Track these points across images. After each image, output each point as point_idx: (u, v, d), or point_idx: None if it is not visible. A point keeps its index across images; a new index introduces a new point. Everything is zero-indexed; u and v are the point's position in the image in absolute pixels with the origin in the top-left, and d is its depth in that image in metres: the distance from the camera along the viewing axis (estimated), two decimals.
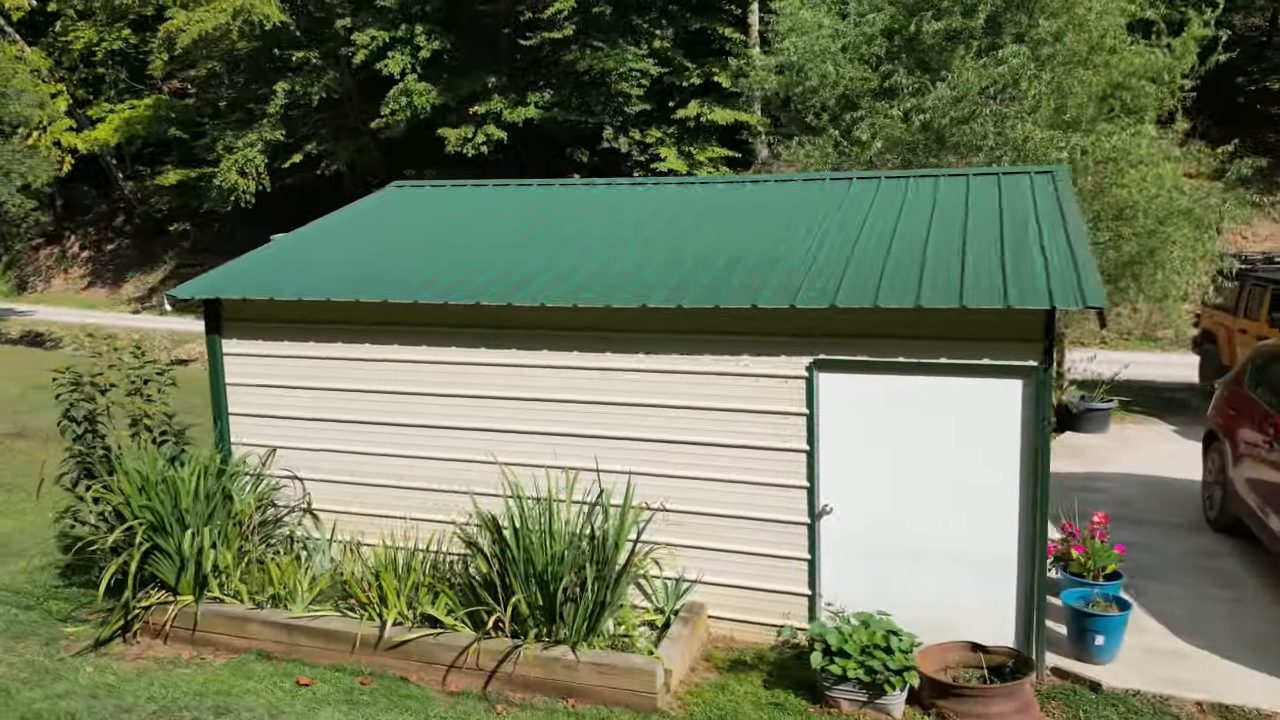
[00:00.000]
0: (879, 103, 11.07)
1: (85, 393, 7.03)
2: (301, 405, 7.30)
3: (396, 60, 26.70)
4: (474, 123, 26.56)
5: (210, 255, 35.99)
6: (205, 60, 32.60)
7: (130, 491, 6.43)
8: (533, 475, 6.58)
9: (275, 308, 7.16)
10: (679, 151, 27.50)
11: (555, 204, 8.61)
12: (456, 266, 7.12)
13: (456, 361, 6.74)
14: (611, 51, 25.56)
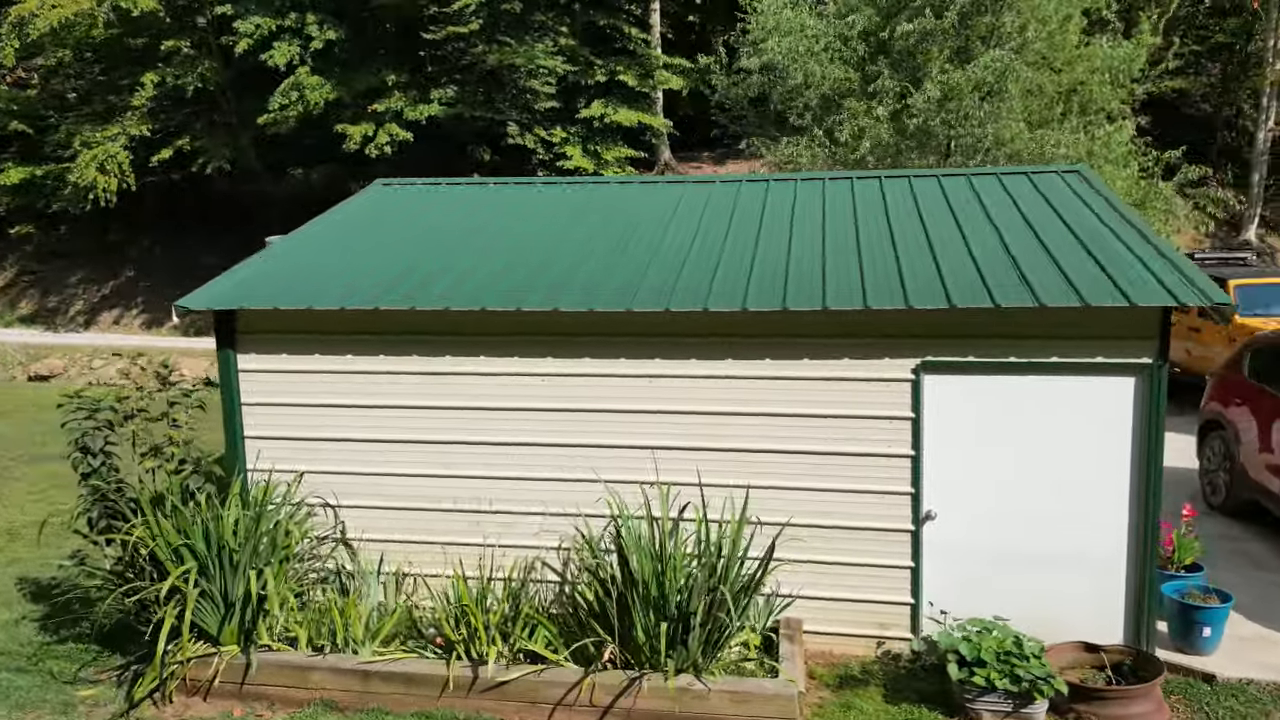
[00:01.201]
0: (860, 103, 11.16)
1: (100, 420, 6.10)
2: (334, 425, 6.59)
3: (284, 51, 25.13)
4: (373, 120, 25.34)
5: (62, 260, 32.95)
6: (56, 48, 29.73)
7: (170, 531, 5.59)
8: (626, 492, 6.16)
9: (302, 319, 6.44)
10: (585, 150, 27.16)
11: (576, 203, 8.16)
12: (508, 269, 6.61)
13: (538, 373, 6.23)
14: (519, 48, 24.95)
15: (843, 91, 11.46)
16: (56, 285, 32.72)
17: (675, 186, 8.46)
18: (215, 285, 6.76)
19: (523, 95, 25.83)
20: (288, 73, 25.65)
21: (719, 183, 8.44)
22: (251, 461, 6.69)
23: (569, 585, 6.01)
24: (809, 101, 11.60)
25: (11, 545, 8.67)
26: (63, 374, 25.11)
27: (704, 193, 8.15)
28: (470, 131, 27.13)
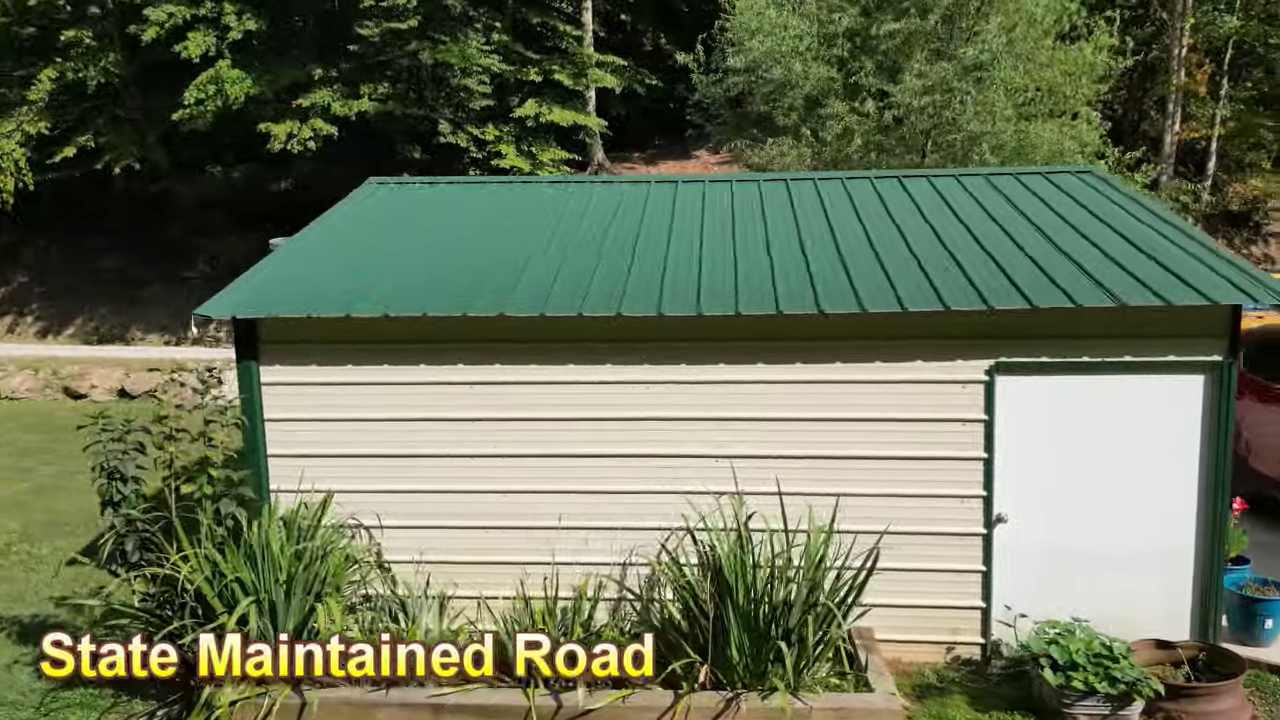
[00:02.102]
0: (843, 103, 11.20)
1: (131, 442, 5.49)
2: (372, 440, 6.15)
3: (199, 42, 23.75)
4: (298, 116, 24.21)
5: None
6: None
7: (222, 562, 5.07)
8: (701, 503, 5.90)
9: (334, 327, 5.96)
10: (519, 150, 26.63)
11: (604, 203, 7.86)
12: (555, 272, 6.28)
13: (601, 381, 5.93)
14: (453, 46, 24.26)
15: (826, 91, 11.50)
16: None
17: (694, 185, 8.26)
18: (234, 291, 6.22)
19: (456, 93, 25.16)
20: (202, 66, 24.29)
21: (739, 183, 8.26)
22: (275, 482, 6.17)
23: (641, 602, 5.73)
24: (793, 101, 11.60)
25: None
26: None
27: (724, 193, 7.97)
28: (400, 130, 26.28)
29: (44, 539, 8.73)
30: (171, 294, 28.17)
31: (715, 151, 30.45)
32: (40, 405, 18.85)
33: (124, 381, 22.06)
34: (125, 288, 28.73)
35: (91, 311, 28.24)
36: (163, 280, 28.68)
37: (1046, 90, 10.82)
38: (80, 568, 8.00)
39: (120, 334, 27.51)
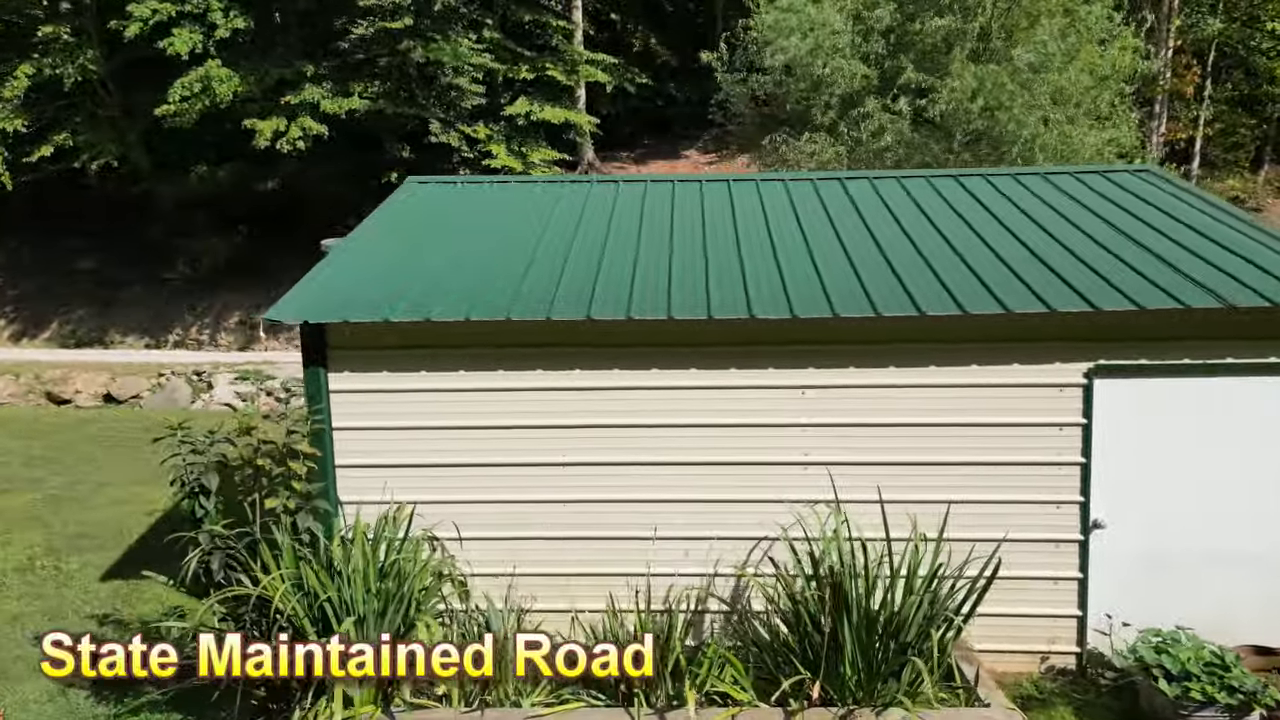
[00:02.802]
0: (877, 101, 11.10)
1: (212, 456, 5.19)
2: (448, 449, 5.89)
3: (185, 38, 23.15)
4: (285, 113, 23.70)
5: None
6: None
7: (320, 582, 4.79)
8: (798, 512, 5.73)
9: (407, 331, 5.71)
10: (510, 149, 26.32)
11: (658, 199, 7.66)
12: (631, 273, 6.07)
13: (693, 386, 5.73)
14: (445, 44, 23.90)
15: (863, 89, 11.40)
16: None
17: (746, 184, 8.06)
18: (300, 295, 5.93)
19: (448, 92, 24.79)
20: (185, 63, 23.70)
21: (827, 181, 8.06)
22: (343, 493, 5.89)
23: (738, 614, 5.55)
24: (829, 99, 11.47)
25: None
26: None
27: (808, 191, 7.78)
28: (388, 129, 25.84)
29: (70, 553, 8.35)
30: (151, 295, 27.49)
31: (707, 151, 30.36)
32: (24, 411, 18.22)
33: (109, 386, 21.43)
34: (102, 289, 27.99)
35: (68, 314, 27.47)
36: (142, 281, 27.97)
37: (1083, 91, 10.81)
38: (117, 583, 7.64)
39: (98, 337, 26.79)
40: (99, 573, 7.86)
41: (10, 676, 6.07)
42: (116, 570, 7.92)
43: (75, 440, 13.06)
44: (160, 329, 26.67)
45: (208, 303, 26.97)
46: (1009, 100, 10.43)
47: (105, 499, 9.97)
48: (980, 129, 10.51)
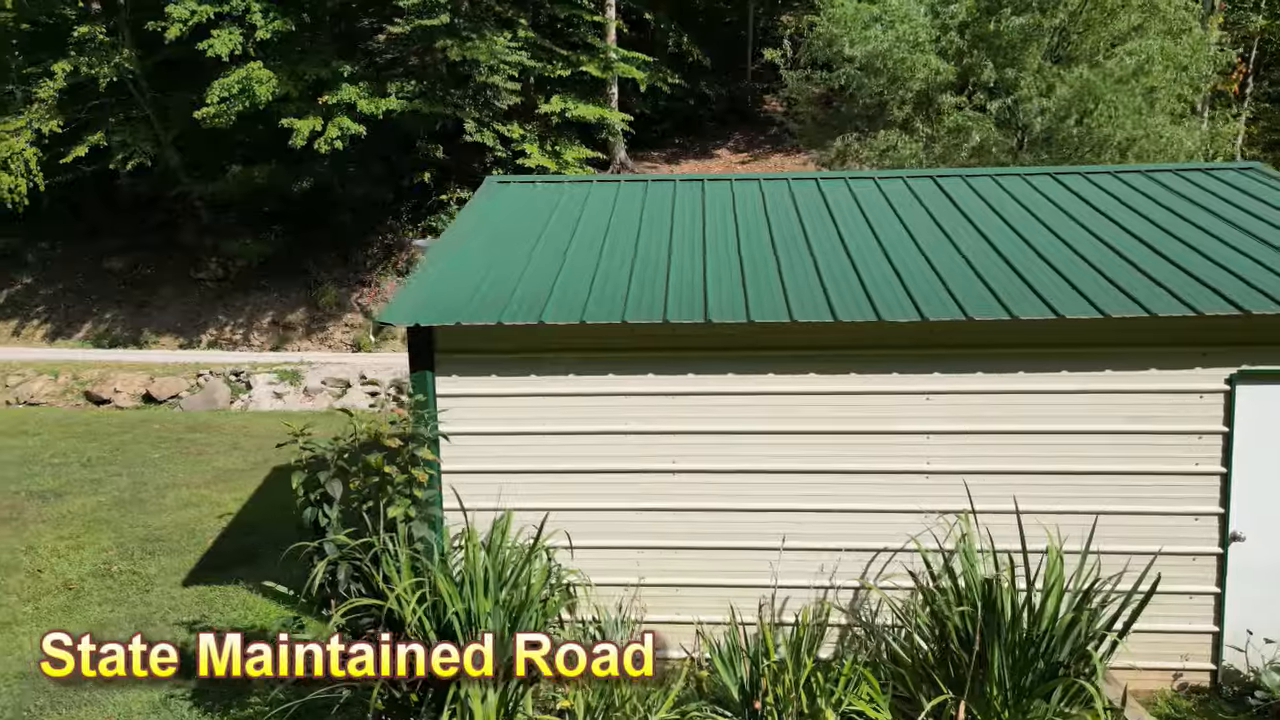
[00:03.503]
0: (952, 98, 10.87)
1: (336, 463, 5.02)
2: (559, 455, 5.73)
3: (225, 40, 23.10)
4: (322, 113, 23.62)
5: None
6: None
7: (447, 593, 4.62)
8: (930, 523, 5.53)
9: (518, 335, 5.55)
10: (543, 149, 26.20)
11: (741, 200, 7.47)
12: (739, 276, 5.88)
13: (820, 391, 5.53)
14: (481, 42, 23.76)
15: (941, 85, 11.17)
16: None
17: (836, 183, 7.85)
18: (409, 297, 5.76)
19: (483, 91, 24.66)
20: (219, 63, 23.65)
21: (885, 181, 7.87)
22: (449, 499, 5.73)
23: (866, 627, 5.35)
24: (904, 96, 11.25)
25: (80, 603, 7.30)
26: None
27: (898, 188, 7.57)
28: (422, 128, 25.75)
29: (145, 557, 8.23)
30: (183, 295, 27.51)
31: (739, 150, 30.15)
32: (66, 412, 18.19)
33: (148, 386, 21.43)
34: (135, 290, 28.04)
35: (101, 314, 27.52)
36: (174, 282, 28.00)
37: (1166, 85, 10.56)
38: (201, 588, 7.51)
39: (132, 337, 26.81)
40: (179, 578, 7.73)
41: (110, 684, 5.93)
42: (197, 575, 7.78)
43: (128, 442, 12.97)
44: (194, 329, 26.67)
45: (240, 302, 26.96)
46: (1106, 106, 10.17)
47: (172, 501, 9.86)
48: (1074, 134, 10.27)
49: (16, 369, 23.10)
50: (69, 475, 10.98)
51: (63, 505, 9.75)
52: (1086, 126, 10.22)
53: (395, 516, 4.93)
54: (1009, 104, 10.68)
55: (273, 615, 6.94)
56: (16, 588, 7.58)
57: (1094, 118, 10.14)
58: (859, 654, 5.42)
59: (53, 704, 5.73)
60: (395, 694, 4.74)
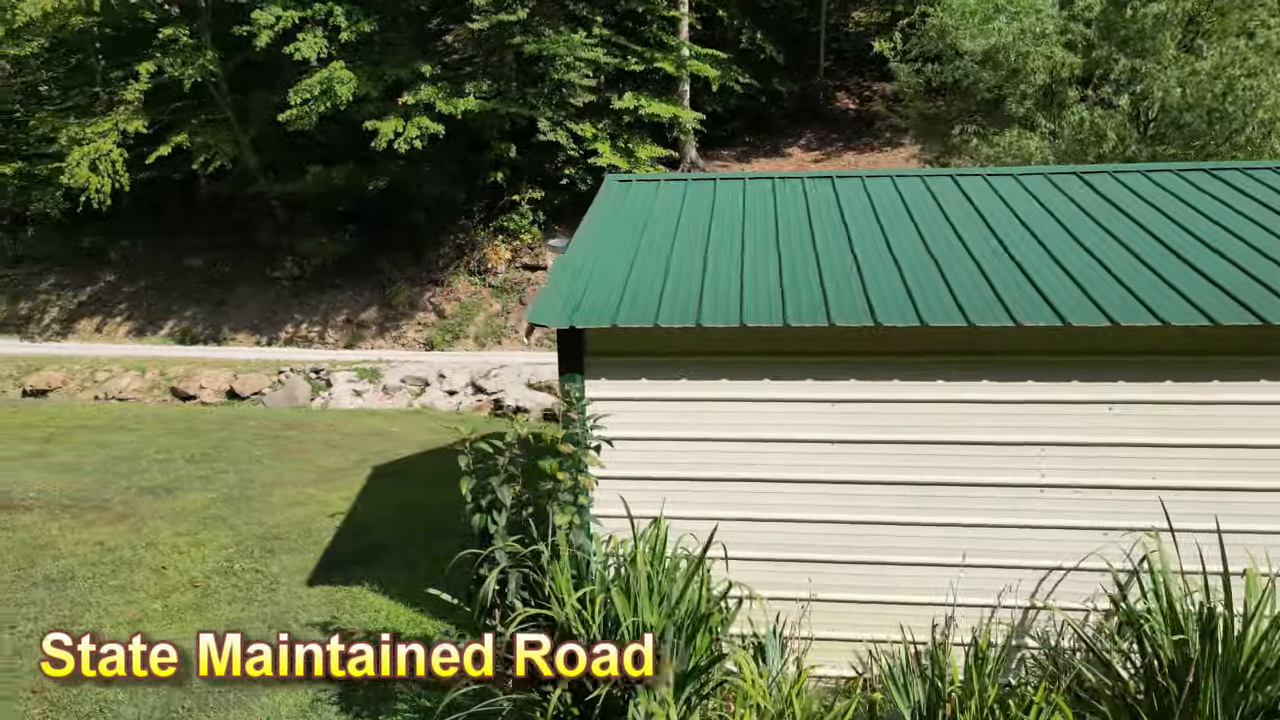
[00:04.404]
0: (1077, 91, 10.45)
1: (505, 468, 4.90)
2: (713, 462, 5.54)
3: (310, 43, 23.40)
4: (400, 114, 23.79)
5: (31, 264, 30.65)
6: (33, 36, 27.30)
7: (623, 605, 4.47)
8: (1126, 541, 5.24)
9: (673, 338, 5.38)
10: (614, 147, 26.08)
11: (877, 196, 7.21)
12: (921, 276, 5.64)
13: (992, 400, 5.28)
14: (558, 37, 23.72)
15: (1065, 79, 10.77)
16: (26, 291, 30.38)
17: (972, 180, 7.55)
18: (556, 298, 5.62)
19: (558, 89, 24.61)
20: (299, 64, 23.96)
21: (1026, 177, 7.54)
22: (600, 505, 5.57)
23: (1048, 652, 5.07)
24: (1026, 90, 10.87)
25: (209, 601, 7.31)
26: (62, 388, 23.11)
27: (1040, 185, 7.25)
28: (496, 127, 25.82)
29: (266, 556, 8.24)
30: (260, 293, 27.99)
31: (811, 149, 29.75)
32: (161, 408, 18.55)
33: (232, 382, 21.80)
34: (214, 288, 28.61)
35: (181, 312, 28.12)
36: (250, 280, 28.51)
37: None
38: (326, 589, 7.48)
39: (212, 334, 27.35)
40: (302, 577, 7.71)
41: (254, 688, 5.89)
42: (320, 576, 7.76)
43: (226, 439, 13.12)
44: (270, 326, 27.12)
45: (315, 301, 27.33)
46: (1253, 80, 9.63)
47: (281, 500, 9.91)
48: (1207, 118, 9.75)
49: (104, 365, 23.70)
50: (176, 471, 11.12)
51: (175, 501, 9.85)
52: (1223, 110, 9.70)
53: (562, 524, 4.78)
54: (1136, 95, 10.23)
55: (402, 618, 6.87)
56: (143, 584, 7.64)
57: (1236, 94, 9.58)
58: (1041, 679, 5.13)
59: (200, 706, 5.71)
60: (563, 709, 4.60)
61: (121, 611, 7.10)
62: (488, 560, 4.83)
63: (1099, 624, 5.14)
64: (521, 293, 25.71)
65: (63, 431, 13.82)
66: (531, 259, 26.54)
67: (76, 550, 8.33)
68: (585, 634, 4.55)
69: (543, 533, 4.96)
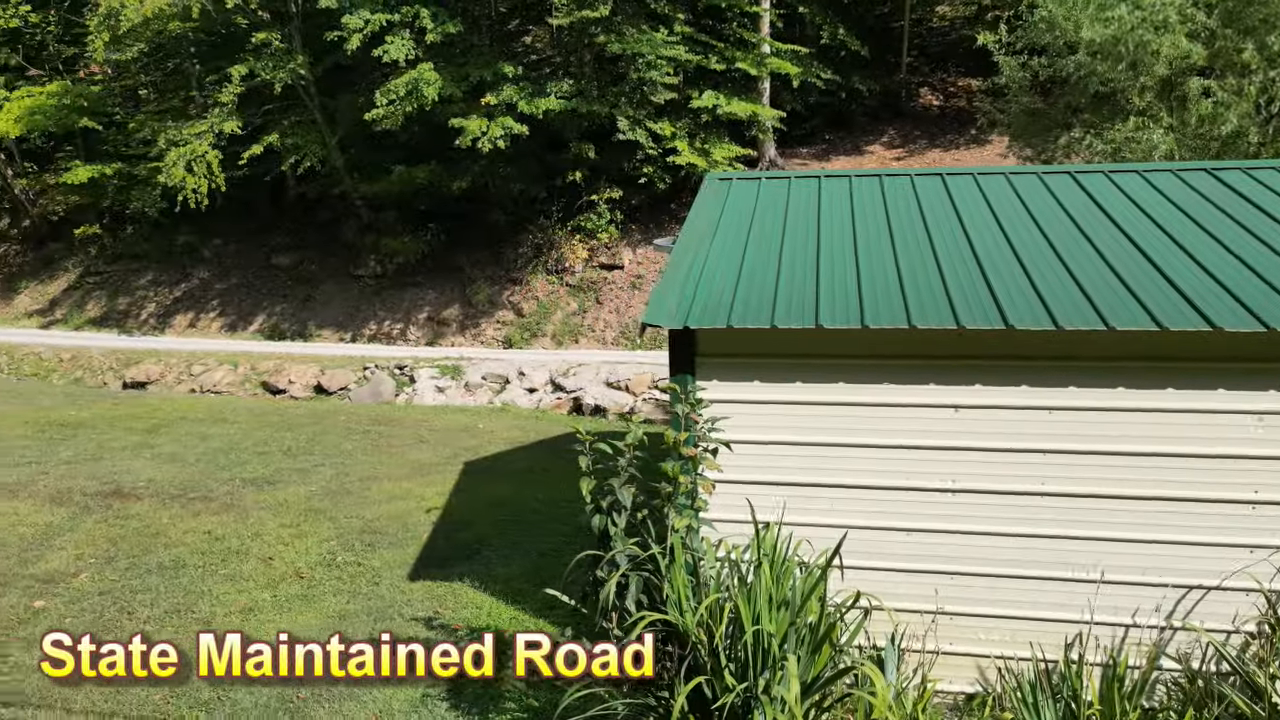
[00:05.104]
0: (1205, 81, 9.95)
1: (628, 466, 4.88)
2: (828, 468, 5.40)
3: (398, 45, 23.84)
4: (483, 114, 24.07)
5: (129, 261, 31.91)
6: (134, 41, 28.39)
7: (747, 614, 4.38)
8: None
9: (789, 340, 5.27)
10: (692, 146, 25.95)
11: (993, 194, 6.96)
12: (1048, 275, 5.41)
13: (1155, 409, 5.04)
14: (640, 36, 23.71)
15: (1188, 68, 10.29)
16: (125, 287, 31.67)
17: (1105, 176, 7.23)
18: (669, 298, 5.54)
19: (639, 88, 24.61)
20: (385, 68, 24.43)
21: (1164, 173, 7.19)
22: (716, 509, 5.48)
23: (1191, 677, 4.81)
24: (1146, 82, 10.42)
25: (315, 592, 7.43)
26: (160, 380, 24.00)
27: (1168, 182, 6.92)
28: (575, 127, 25.94)
29: (366, 549, 8.37)
30: (344, 291, 28.65)
31: (893, 146, 29.17)
32: (255, 402, 19.09)
33: (319, 378, 22.34)
34: (300, 285, 29.39)
35: (270, 308, 28.94)
36: (335, 278, 29.20)
37: None
38: (428, 584, 7.56)
39: (299, 330, 28.07)
40: (403, 571, 7.80)
41: (365, 681, 5.96)
42: (420, 571, 7.84)
43: (320, 432, 13.41)
44: (354, 323, 27.73)
45: (397, 298, 27.86)
46: None
47: (379, 494, 10.06)
48: None
49: (199, 359, 24.56)
50: (275, 464, 11.39)
51: (277, 493, 10.08)
52: None
53: (680, 528, 4.71)
54: (1267, 82, 9.68)
55: (504, 615, 6.89)
56: (252, 574, 7.82)
57: None
58: (1186, 705, 4.87)
59: (315, 697, 5.79)
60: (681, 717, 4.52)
61: (233, 600, 7.27)
62: (608, 563, 4.77)
63: (1242, 645, 4.86)
64: (598, 292, 25.81)
65: (165, 423, 14.30)
66: (608, 258, 26.62)
67: (186, 539, 8.58)
68: (707, 642, 4.46)
69: (658, 535, 4.90)
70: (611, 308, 25.60)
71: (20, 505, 9.47)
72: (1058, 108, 11.80)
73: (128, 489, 10.15)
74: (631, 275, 26.08)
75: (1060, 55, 11.64)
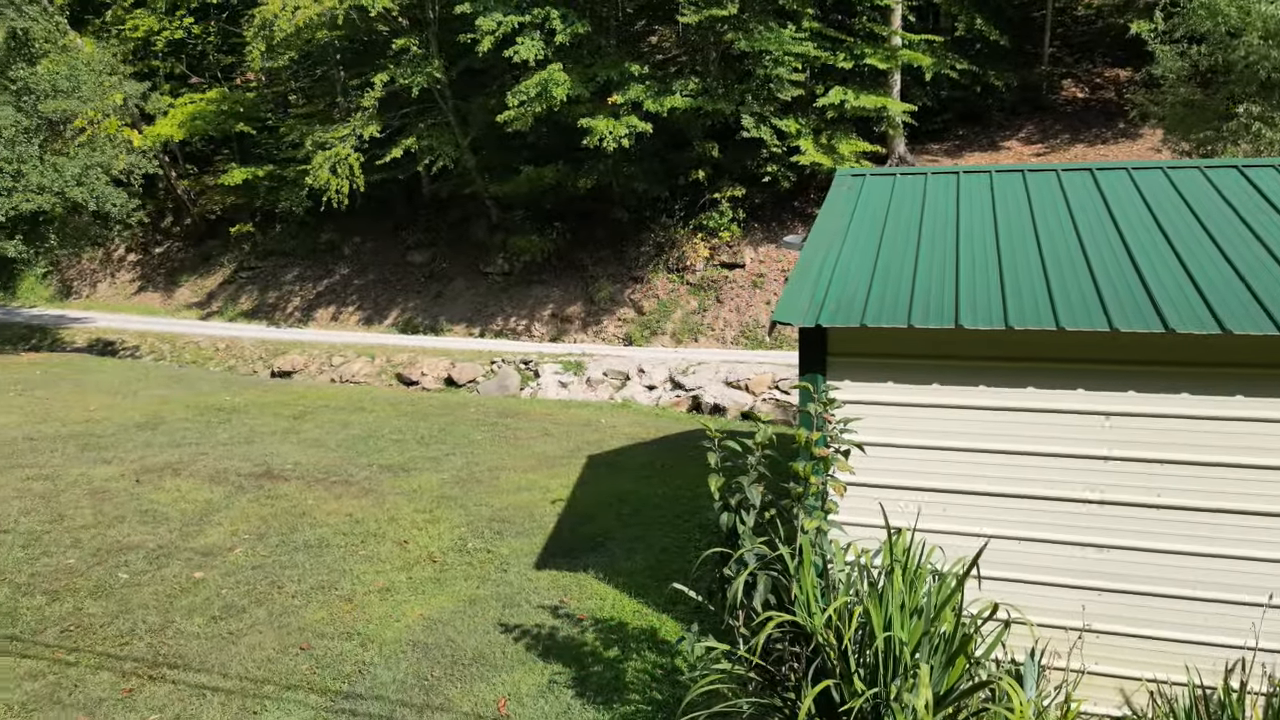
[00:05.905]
0: None
1: (756, 464, 4.89)
2: (963, 473, 5.22)
3: (529, 46, 24.39)
4: (610, 113, 24.36)
5: (278, 258, 33.86)
6: (285, 50, 30.06)
7: (879, 621, 4.31)
8: None
9: (925, 340, 5.11)
10: (818, 144, 25.51)
11: (1149, 190, 6.57)
12: (1210, 271, 5.07)
13: None
14: (768, 33, 23.50)
15: None
16: (274, 282, 33.63)
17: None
18: (801, 296, 5.47)
19: (765, 85, 24.39)
20: (515, 69, 25.02)
21: None
22: (845, 513, 5.39)
23: None
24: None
25: (446, 576, 7.71)
26: (304, 370, 25.35)
27: None
28: (699, 126, 25.94)
29: (495, 537, 8.62)
30: (473, 287, 29.57)
31: (1031, 141, 27.91)
32: (390, 392, 19.93)
33: (450, 371, 23.12)
34: (432, 281, 30.52)
35: (404, 303, 30.16)
36: (465, 275, 30.18)
37: None
38: (554, 573, 7.72)
39: (430, 325, 29.11)
40: (529, 560, 8.00)
41: (494, 664, 6.15)
42: (546, 560, 8.02)
43: (450, 423, 13.88)
44: (481, 319, 28.57)
45: (522, 295, 28.55)
46: None
47: (506, 484, 10.35)
48: None
49: (339, 350, 25.83)
50: (410, 452, 11.86)
51: (411, 480, 10.50)
52: None
53: (810, 529, 4.65)
54: None
55: (627, 608, 6.96)
56: (388, 556, 8.17)
57: None
58: None
59: (448, 676, 6.01)
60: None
61: (372, 580, 7.62)
62: (736, 561, 4.76)
63: None
64: (718, 290, 25.77)
65: (309, 410, 15.10)
66: (729, 257, 26.52)
67: (329, 520, 9.05)
68: (835, 645, 4.40)
69: (786, 536, 4.85)
70: (732, 306, 25.52)
71: (183, 483, 10.20)
72: (1218, 98, 10.99)
73: (277, 471, 10.78)
74: (752, 274, 25.91)
75: (1222, 43, 10.83)
